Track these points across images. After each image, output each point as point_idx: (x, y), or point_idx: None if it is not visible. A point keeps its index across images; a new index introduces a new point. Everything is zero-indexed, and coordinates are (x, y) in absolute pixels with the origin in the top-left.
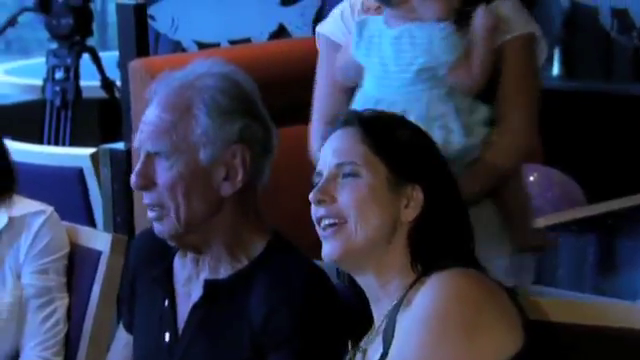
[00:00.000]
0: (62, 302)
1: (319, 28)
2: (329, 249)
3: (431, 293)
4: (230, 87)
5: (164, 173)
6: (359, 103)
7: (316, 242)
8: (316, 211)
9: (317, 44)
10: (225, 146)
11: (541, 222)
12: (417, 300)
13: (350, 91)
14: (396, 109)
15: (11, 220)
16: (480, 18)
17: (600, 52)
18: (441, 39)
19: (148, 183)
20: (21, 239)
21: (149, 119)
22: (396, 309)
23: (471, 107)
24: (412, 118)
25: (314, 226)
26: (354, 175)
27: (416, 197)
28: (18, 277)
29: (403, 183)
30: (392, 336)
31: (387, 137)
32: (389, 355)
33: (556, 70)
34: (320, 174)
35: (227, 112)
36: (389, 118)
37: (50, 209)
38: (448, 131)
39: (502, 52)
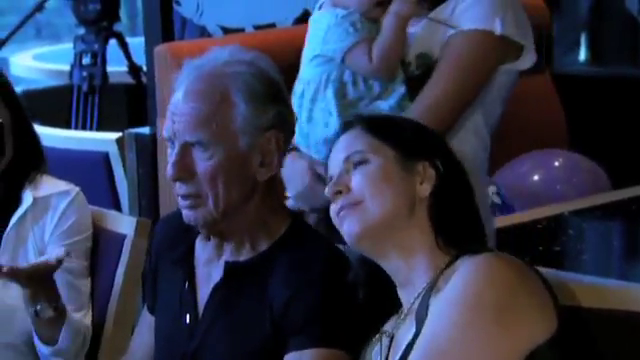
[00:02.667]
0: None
1: None
2: (347, 226)
3: (465, 275)
4: (259, 73)
5: (204, 163)
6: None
7: None
8: (335, 205)
9: None
10: (262, 132)
11: (566, 207)
12: (451, 282)
13: None
14: (307, 90)
15: (36, 200)
16: (395, 5)
17: (627, 37)
18: (335, 26)
19: (186, 174)
20: (47, 218)
21: (181, 110)
22: (429, 292)
23: (381, 93)
24: (307, 99)
25: None
26: (364, 162)
27: (428, 173)
28: (41, 256)
29: (412, 162)
30: (425, 317)
31: (389, 125)
32: (421, 334)
33: (583, 55)
34: (332, 178)
35: (262, 98)
36: (388, 115)
37: (76, 189)
38: (328, 114)
39: (445, 45)
